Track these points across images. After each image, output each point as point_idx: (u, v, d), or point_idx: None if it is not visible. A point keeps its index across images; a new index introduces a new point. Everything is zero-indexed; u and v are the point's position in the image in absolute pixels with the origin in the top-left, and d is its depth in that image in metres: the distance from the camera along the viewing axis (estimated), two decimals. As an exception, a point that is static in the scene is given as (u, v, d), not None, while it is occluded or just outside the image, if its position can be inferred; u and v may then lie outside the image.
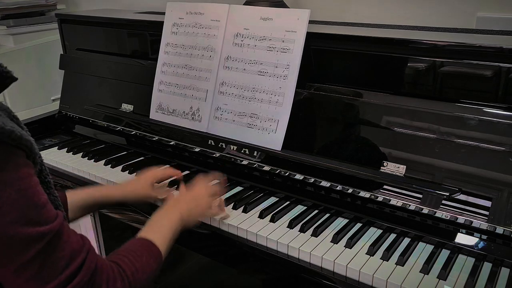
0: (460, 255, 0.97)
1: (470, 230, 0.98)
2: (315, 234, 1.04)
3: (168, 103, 1.42)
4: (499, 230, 0.94)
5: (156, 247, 0.88)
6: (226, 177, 1.24)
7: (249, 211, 1.14)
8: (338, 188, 1.13)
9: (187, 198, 1.07)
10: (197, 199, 1.07)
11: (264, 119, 1.23)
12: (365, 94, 1.13)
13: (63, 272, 0.70)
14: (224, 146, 1.30)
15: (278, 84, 1.21)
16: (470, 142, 0.99)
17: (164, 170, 1.23)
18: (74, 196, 1.08)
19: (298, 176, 1.18)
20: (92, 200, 1.11)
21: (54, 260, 0.69)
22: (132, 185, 1.19)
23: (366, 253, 0.98)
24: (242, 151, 1.26)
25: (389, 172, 1.06)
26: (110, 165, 1.41)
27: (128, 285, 0.78)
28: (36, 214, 0.68)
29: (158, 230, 0.93)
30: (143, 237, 0.90)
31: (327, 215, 1.12)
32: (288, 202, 1.19)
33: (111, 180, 1.34)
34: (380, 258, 0.96)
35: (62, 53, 1.78)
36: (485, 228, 0.96)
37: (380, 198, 1.07)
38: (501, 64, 0.98)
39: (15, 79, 0.78)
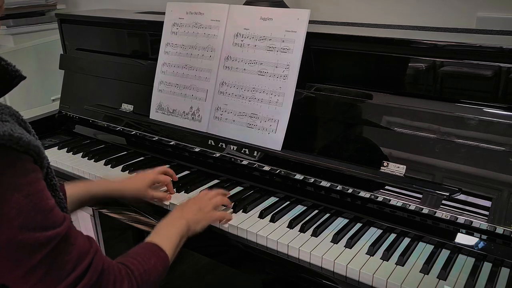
0: (460, 255, 0.97)
1: (470, 230, 0.98)
2: (315, 234, 1.04)
3: (168, 103, 1.42)
4: (499, 230, 0.94)
5: (163, 252, 0.89)
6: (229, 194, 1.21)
7: (249, 211, 1.14)
8: (338, 188, 1.13)
9: (190, 203, 1.08)
10: (199, 202, 1.08)
11: (264, 119, 1.23)
12: (365, 94, 1.13)
13: (70, 274, 0.70)
14: (224, 146, 1.30)
15: (278, 84, 1.21)
16: (470, 142, 0.99)
17: (165, 177, 1.23)
18: (74, 190, 1.10)
19: (298, 176, 1.18)
20: (89, 195, 1.13)
21: (61, 263, 0.69)
22: (132, 181, 1.20)
23: (366, 253, 0.98)
24: (242, 151, 1.26)
25: (389, 172, 1.06)
26: (110, 165, 1.41)
27: (136, 286, 0.78)
28: (43, 218, 0.68)
29: (165, 237, 0.94)
30: (151, 242, 0.90)
31: (327, 215, 1.12)
32: (288, 202, 1.19)
33: (111, 180, 1.33)
34: (380, 258, 0.96)
35: (62, 53, 1.78)
36: (485, 228, 0.96)
37: (380, 198, 1.07)
38: (501, 64, 0.98)
39: (24, 77, 0.79)
